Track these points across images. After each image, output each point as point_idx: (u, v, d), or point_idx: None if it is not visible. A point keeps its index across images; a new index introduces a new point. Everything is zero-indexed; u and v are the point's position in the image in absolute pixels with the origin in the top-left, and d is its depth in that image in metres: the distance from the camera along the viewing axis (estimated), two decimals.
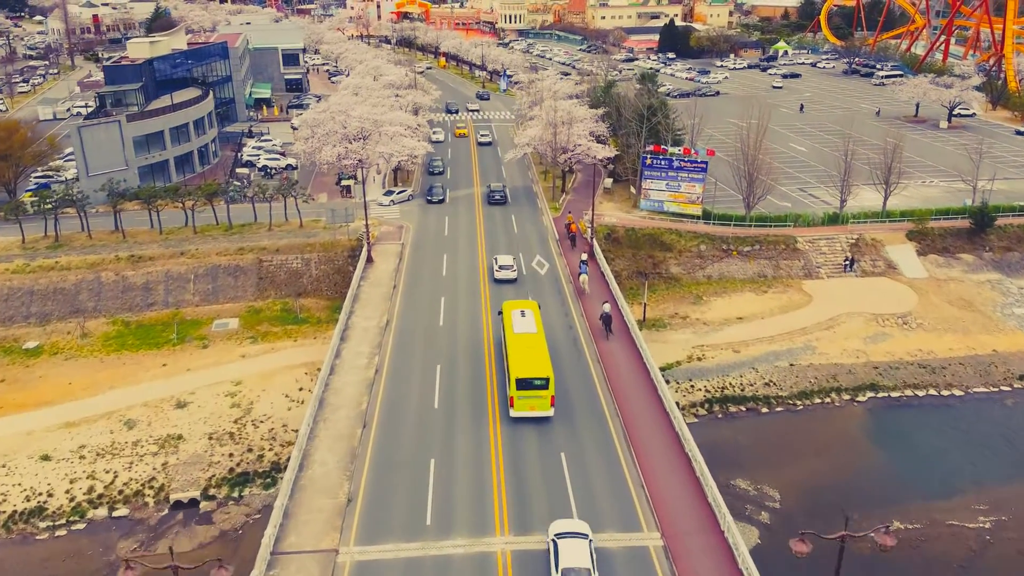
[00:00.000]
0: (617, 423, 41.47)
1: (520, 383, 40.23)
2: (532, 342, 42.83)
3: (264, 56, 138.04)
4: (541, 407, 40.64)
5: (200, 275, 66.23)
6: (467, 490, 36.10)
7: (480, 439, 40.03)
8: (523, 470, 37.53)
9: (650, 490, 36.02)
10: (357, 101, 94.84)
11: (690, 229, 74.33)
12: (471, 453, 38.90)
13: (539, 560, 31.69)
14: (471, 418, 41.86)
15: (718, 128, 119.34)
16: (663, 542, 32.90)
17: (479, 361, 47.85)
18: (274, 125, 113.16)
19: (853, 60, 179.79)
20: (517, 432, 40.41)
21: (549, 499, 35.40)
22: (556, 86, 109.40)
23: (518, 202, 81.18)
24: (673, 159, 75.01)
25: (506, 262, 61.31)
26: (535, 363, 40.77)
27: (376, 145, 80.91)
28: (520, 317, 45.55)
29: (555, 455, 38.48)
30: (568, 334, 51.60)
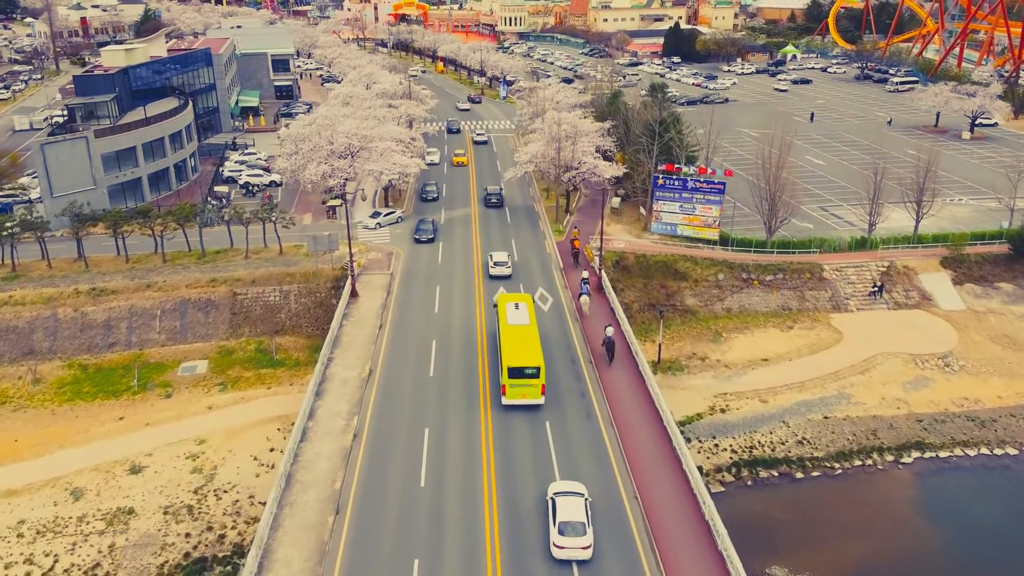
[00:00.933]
0: (636, 510, 35.20)
1: (512, 372, 41.90)
2: (525, 333, 44.48)
3: (252, 62, 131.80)
4: (532, 395, 42.37)
5: (167, 310, 59.96)
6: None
7: (475, 536, 33.75)
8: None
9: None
10: (347, 113, 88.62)
11: (706, 256, 68.08)
12: (465, 554, 32.64)
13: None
14: (464, 504, 35.59)
15: (728, 138, 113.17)
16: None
17: (473, 425, 41.58)
18: (260, 136, 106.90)
19: (865, 65, 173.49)
20: (520, 524, 34.14)
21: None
22: (558, 96, 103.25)
23: (519, 224, 74.91)
24: (687, 179, 68.77)
25: (501, 259, 62.46)
26: (527, 353, 42.44)
27: (365, 162, 74.71)
28: (514, 309, 47.38)
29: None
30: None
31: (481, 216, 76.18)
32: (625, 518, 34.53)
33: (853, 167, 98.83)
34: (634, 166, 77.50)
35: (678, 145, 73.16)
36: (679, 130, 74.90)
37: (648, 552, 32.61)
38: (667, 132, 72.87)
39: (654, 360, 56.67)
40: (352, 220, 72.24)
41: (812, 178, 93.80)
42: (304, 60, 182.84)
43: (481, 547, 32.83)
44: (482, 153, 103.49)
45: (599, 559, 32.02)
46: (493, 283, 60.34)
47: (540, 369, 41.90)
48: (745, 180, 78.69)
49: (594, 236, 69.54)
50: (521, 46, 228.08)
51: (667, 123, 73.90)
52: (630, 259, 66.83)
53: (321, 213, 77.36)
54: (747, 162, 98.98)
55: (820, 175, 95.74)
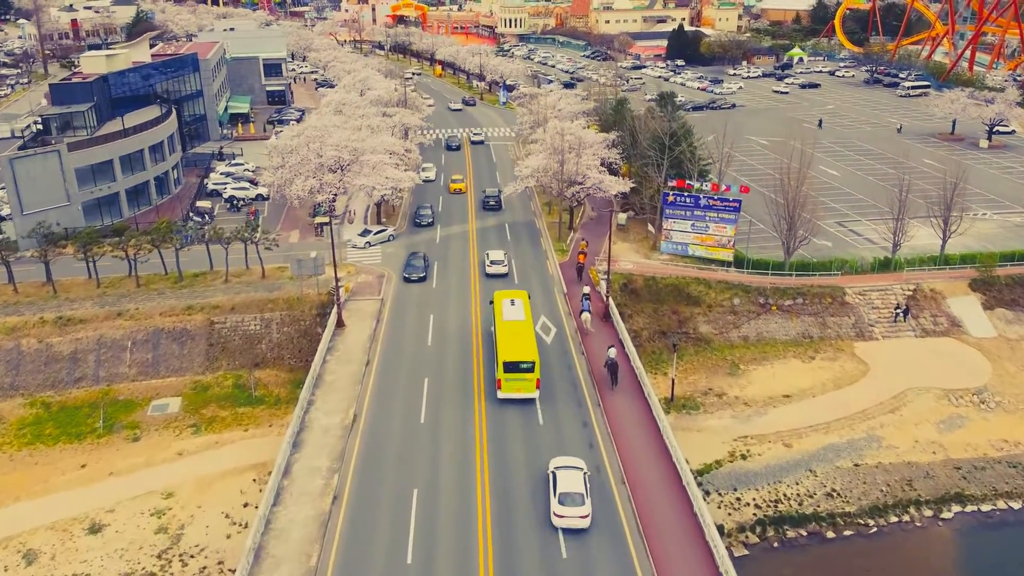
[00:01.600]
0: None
1: (507, 366, 42.80)
2: (520, 329, 45.46)
3: (243, 66, 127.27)
4: (527, 389, 43.25)
5: (139, 341, 55.44)
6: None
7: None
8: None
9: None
10: (338, 123, 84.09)
11: (720, 278, 63.55)
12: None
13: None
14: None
15: (738, 147, 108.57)
16: None
17: (468, 483, 37.06)
18: (249, 145, 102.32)
19: (875, 69, 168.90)
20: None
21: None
22: (560, 103, 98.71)
23: (519, 241, 70.33)
24: (700, 197, 64.23)
25: (497, 257, 63.05)
26: (522, 348, 43.43)
27: (356, 176, 70.22)
28: (510, 306, 48.30)
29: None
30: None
31: (479, 233, 71.64)
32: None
33: (870, 178, 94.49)
34: (642, 180, 72.94)
35: (689, 159, 68.59)
36: (690, 143, 70.31)
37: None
38: (677, 145, 68.23)
39: (667, 397, 52.17)
40: (341, 239, 67.91)
41: (827, 190, 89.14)
42: (299, 63, 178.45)
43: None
44: (480, 161, 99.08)
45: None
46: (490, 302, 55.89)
47: (535, 363, 42.95)
48: (758, 193, 74.26)
49: (600, 257, 65.10)
50: (521, 48, 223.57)
51: (677, 135, 69.27)
52: (638, 282, 62.29)
53: (309, 230, 72.86)
54: (758, 173, 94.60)
55: (835, 186, 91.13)
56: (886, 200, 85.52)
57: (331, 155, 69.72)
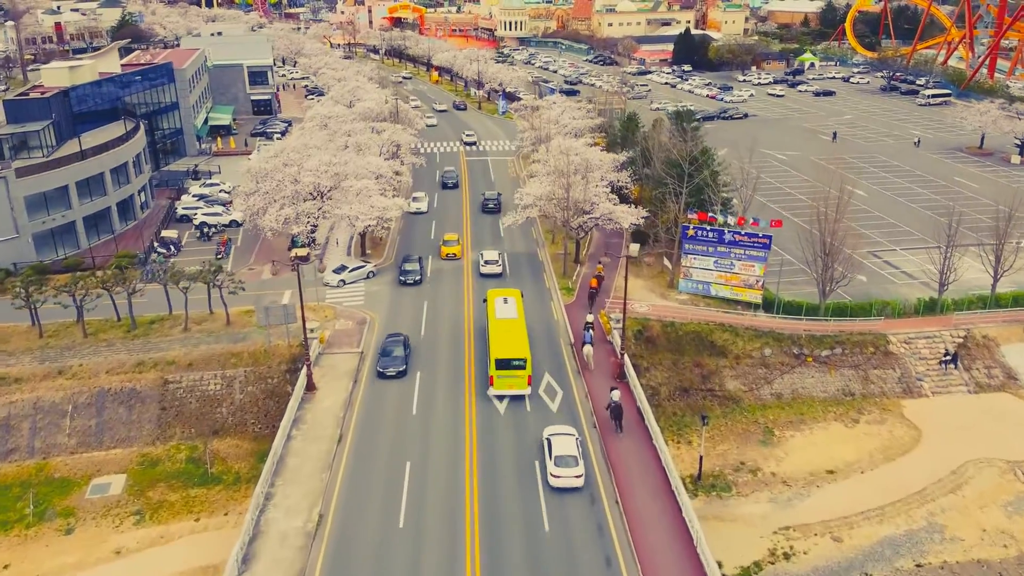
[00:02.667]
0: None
1: (499, 363, 43.69)
2: (512, 326, 46.35)
3: (226, 74, 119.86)
4: (519, 386, 44.15)
5: (81, 405, 48.03)
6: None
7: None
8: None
9: None
10: (323, 140, 76.84)
11: (748, 324, 56.10)
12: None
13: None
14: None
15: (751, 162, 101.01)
16: None
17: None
18: (229, 161, 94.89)
19: (891, 75, 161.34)
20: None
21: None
22: (563, 117, 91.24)
23: (520, 278, 62.84)
24: (724, 231, 56.84)
25: (491, 257, 62.74)
26: (514, 345, 44.29)
27: (337, 204, 62.87)
28: (503, 304, 49.15)
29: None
30: None
31: (475, 269, 64.11)
32: None
33: (900, 199, 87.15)
34: (656, 206, 65.52)
35: (712, 188, 61.09)
36: (712, 168, 62.78)
37: None
38: (699, 172, 60.66)
39: (693, 475, 44.80)
40: (317, 275, 60.52)
41: (855, 213, 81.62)
42: (289, 69, 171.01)
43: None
44: (477, 182, 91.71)
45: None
46: (487, 366, 48.47)
47: (526, 360, 43.86)
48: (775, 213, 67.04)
49: (611, 299, 57.67)
50: (522, 52, 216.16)
51: (697, 160, 61.75)
52: (655, 328, 54.84)
53: (286, 263, 65.35)
54: (780, 195, 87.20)
55: (863, 209, 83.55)
56: (920, 225, 78.57)
57: (309, 181, 62.35)
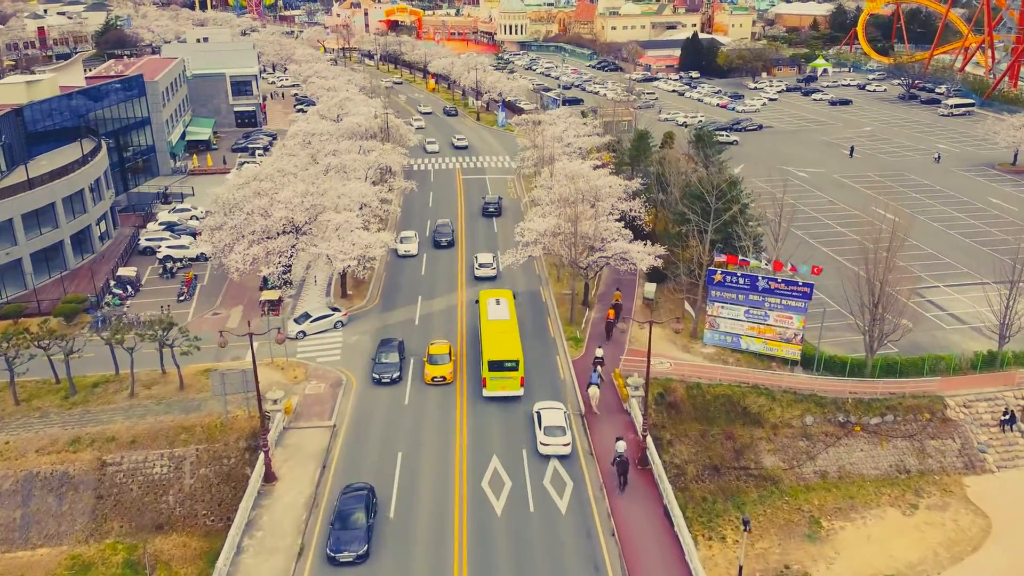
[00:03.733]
0: None
1: (492, 365, 44.19)
2: (505, 328, 46.81)
3: (207, 85, 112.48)
4: (512, 387, 44.62)
5: (5, 493, 40.49)
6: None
7: None
8: None
9: None
10: (303, 161, 69.46)
11: (786, 385, 48.50)
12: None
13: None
14: None
15: (771, 180, 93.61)
16: None
17: None
18: (205, 181, 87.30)
19: (910, 83, 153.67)
20: None
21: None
22: (567, 134, 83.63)
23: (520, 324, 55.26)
24: (758, 278, 49.27)
25: (485, 260, 62.31)
26: (507, 347, 44.80)
27: (314, 241, 55.37)
28: (495, 305, 49.49)
29: None
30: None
31: (468, 313, 56.56)
32: None
33: (935, 225, 79.56)
34: (676, 240, 57.97)
35: (740, 224, 53.45)
36: (740, 201, 55.08)
37: None
38: (727, 209, 52.81)
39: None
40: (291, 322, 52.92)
41: None
42: (279, 76, 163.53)
43: None
44: (473, 195, 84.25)
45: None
46: (481, 447, 40.94)
47: (519, 362, 44.21)
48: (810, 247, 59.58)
49: (624, 355, 50.09)
50: (522, 57, 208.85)
51: (723, 191, 54.01)
52: (679, 391, 47.25)
53: (257, 305, 57.81)
54: (806, 219, 79.39)
55: None
56: (963, 256, 70.94)
57: (281, 216, 54.81)
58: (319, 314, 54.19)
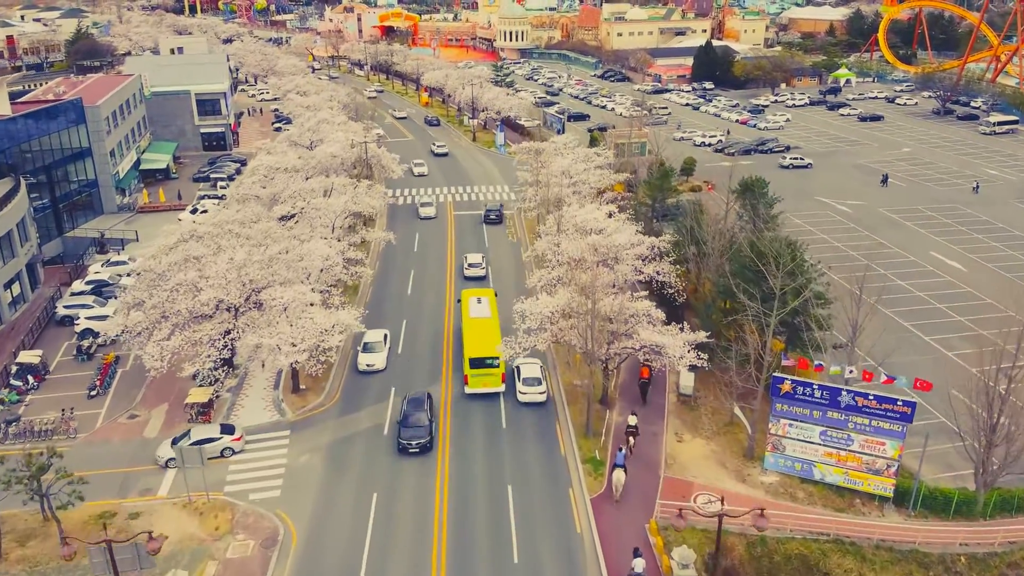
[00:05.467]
0: None
1: (473, 362, 44.63)
2: (486, 326, 47.17)
3: (170, 104, 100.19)
4: (493, 384, 45.16)
5: None
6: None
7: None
8: None
9: None
10: (257, 210, 57.28)
11: (880, 536, 36.02)
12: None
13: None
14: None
15: (808, 214, 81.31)
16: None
17: None
18: (154, 221, 74.98)
19: (945, 96, 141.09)
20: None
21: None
22: (575, 168, 71.14)
23: (520, 435, 42.90)
24: (841, 391, 36.85)
25: (475, 260, 62.65)
26: (487, 344, 45.00)
27: (255, 325, 43.06)
28: (476, 304, 49.84)
29: None
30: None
31: (455, 435, 43.96)
32: None
33: (1007, 276, 66.91)
34: (719, 316, 45.60)
35: (813, 314, 40.83)
36: (806, 273, 42.39)
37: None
38: (797, 294, 40.13)
39: None
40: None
41: (953, 297, 62.02)
42: (260, 88, 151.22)
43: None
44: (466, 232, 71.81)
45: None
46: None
47: (499, 359, 44.35)
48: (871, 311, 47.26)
49: (661, 499, 37.66)
50: (523, 66, 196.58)
51: (780, 258, 41.38)
52: (737, 549, 34.81)
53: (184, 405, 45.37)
54: (849, 263, 66.73)
55: (962, 290, 63.82)
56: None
57: (211, 296, 42.46)
58: (201, 436, 40.35)
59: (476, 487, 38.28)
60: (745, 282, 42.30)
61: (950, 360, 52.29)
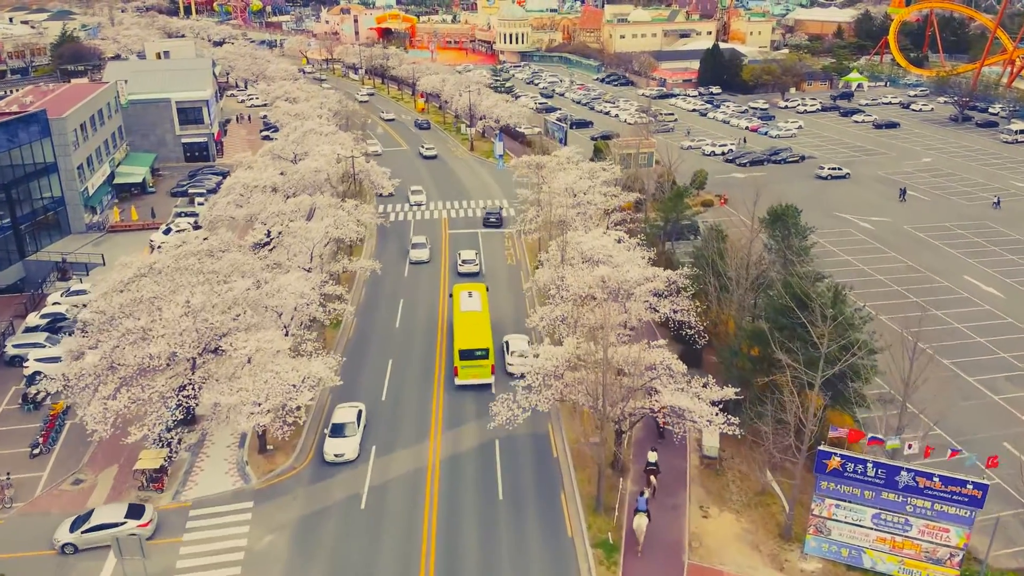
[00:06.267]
0: None
1: (463, 353, 45.35)
2: (476, 319, 48.18)
3: (149, 112, 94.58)
4: (483, 375, 45.80)
5: None
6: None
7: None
8: None
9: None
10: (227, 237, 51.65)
11: None
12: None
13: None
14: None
15: (830, 231, 75.48)
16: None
17: None
18: (124, 242, 69.55)
19: (962, 101, 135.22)
20: None
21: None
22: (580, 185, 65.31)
23: (519, 509, 37.22)
24: (900, 470, 31.14)
25: (468, 257, 63.50)
26: (477, 336, 46.03)
27: (215, 384, 37.38)
28: (467, 298, 50.97)
29: None
30: None
31: (444, 512, 38.24)
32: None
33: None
34: (743, 365, 39.90)
35: (864, 374, 35.07)
36: (850, 322, 36.48)
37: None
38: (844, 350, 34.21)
39: None
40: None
41: (992, 329, 56.26)
42: (250, 94, 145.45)
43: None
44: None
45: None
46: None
47: (489, 351, 45.44)
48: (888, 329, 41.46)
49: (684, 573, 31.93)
50: (524, 69, 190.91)
51: (824, 307, 35.42)
52: None
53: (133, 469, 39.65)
54: (884, 295, 60.38)
55: (1003, 320, 58.18)
56: None
57: (162, 350, 36.75)
58: (104, 520, 34.24)
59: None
60: (779, 329, 36.56)
61: (998, 406, 46.73)
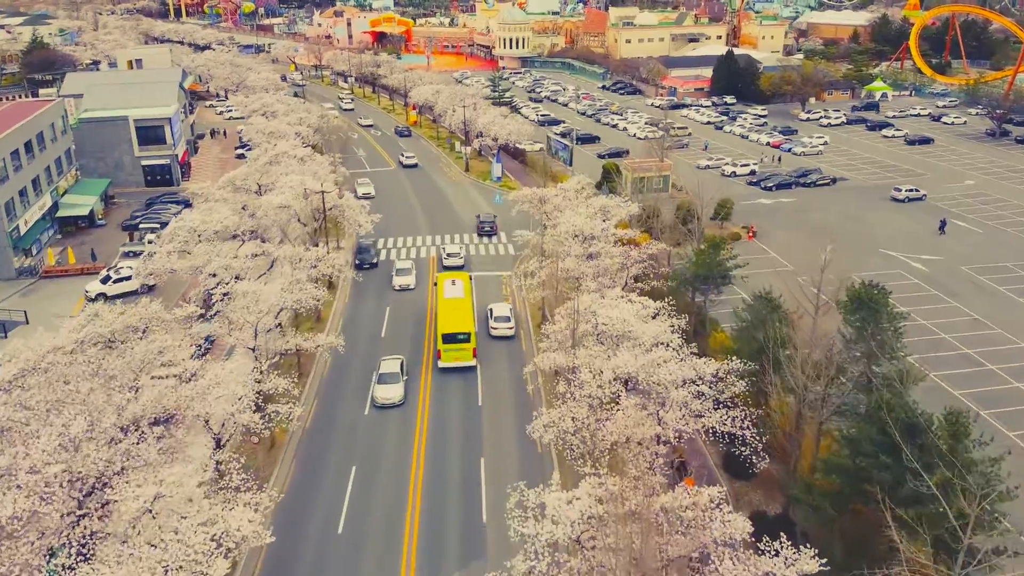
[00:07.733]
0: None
1: (446, 337, 47.32)
2: (459, 305, 49.80)
3: (104, 132, 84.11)
4: (465, 358, 47.82)
5: None
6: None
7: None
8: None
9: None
10: (154, 309, 41.41)
11: None
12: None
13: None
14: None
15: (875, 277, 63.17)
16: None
17: None
18: (56, 292, 59.18)
19: (999, 114, 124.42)
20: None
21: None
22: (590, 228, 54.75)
23: None
24: None
25: (453, 250, 65.63)
26: (459, 321, 47.93)
27: (95, 553, 26.94)
28: (451, 285, 52.40)
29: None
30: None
31: None
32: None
33: None
34: (821, 505, 29.44)
35: (987, 521, 24.81)
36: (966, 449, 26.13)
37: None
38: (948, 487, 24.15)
39: None
40: None
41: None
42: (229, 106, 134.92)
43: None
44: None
45: None
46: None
47: (471, 334, 47.43)
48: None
49: None
50: (524, 76, 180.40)
51: (921, 437, 25.08)
52: None
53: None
54: (964, 366, 49.36)
55: None
56: None
57: (20, 510, 26.31)
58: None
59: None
60: (879, 468, 26.14)
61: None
